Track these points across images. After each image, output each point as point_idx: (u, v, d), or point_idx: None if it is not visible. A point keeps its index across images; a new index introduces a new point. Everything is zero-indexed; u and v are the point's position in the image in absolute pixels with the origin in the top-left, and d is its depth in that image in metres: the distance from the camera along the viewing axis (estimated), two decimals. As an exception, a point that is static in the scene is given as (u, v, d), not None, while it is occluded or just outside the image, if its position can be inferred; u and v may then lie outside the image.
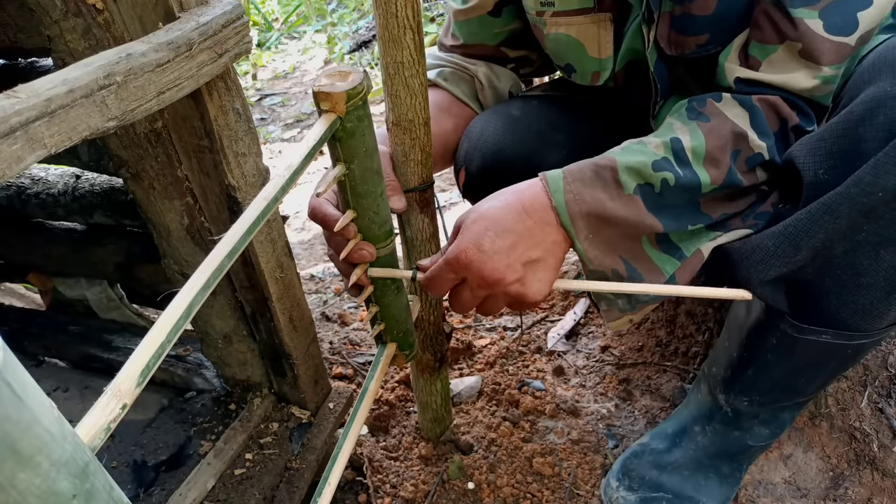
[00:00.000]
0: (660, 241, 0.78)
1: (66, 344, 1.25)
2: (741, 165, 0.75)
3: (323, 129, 0.62)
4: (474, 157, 1.03)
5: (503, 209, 0.76)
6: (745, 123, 0.75)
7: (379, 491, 1.10)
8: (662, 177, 0.74)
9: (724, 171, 0.74)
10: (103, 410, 0.37)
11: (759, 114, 0.75)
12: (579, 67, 1.00)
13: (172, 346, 0.42)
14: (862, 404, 1.16)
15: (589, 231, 0.76)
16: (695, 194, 0.75)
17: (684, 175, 0.74)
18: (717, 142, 0.75)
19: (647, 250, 0.78)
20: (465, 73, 1.07)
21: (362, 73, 0.64)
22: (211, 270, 0.46)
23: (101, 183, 1.10)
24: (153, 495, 0.98)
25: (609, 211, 0.75)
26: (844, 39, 0.70)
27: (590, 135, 1.06)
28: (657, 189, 0.75)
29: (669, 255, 0.78)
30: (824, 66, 0.72)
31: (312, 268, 1.84)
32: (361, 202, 0.72)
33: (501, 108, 1.07)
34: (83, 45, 0.70)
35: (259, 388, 1.08)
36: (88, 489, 0.32)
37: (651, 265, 0.78)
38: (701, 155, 0.75)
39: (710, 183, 0.74)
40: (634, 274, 0.78)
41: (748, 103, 0.76)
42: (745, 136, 0.74)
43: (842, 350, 0.82)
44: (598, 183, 0.75)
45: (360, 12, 4.33)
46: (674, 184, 0.74)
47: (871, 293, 0.74)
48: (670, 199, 0.75)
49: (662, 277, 0.78)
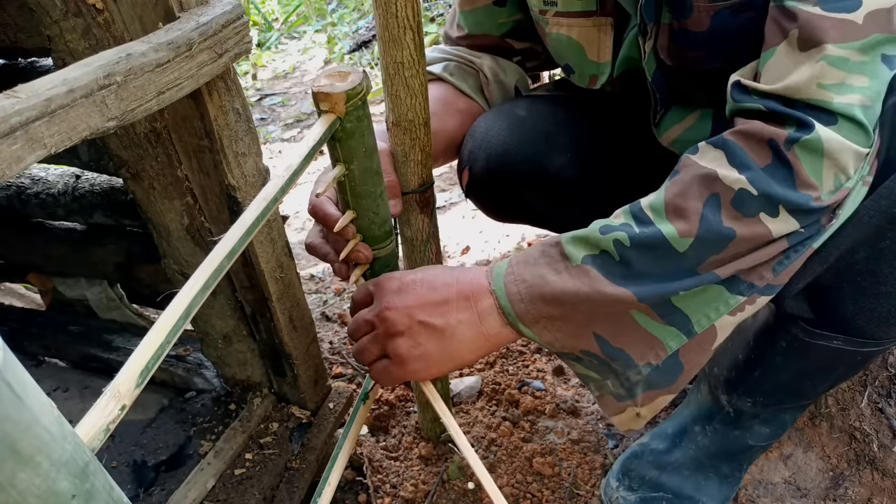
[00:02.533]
0: (659, 310, 0.67)
1: (66, 344, 1.25)
2: (728, 212, 0.63)
3: (322, 129, 0.62)
4: (478, 158, 1.02)
5: (441, 272, 0.74)
6: (721, 163, 0.65)
7: (379, 491, 1.10)
8: (614, 238, 0.66)
9: (694, 220, 0.64)
10: (102, 411, 0.37)
11: (733, 147, 0.65)
12: (578, 69, 0.99)
13: (172, 347, 0.42)
14: (862, 404, 1.16)
15: (538, 313, 0.69)
16: (668, 252, 0.65)
17: (641, 231, 0.65)
18: (678, 189, 0.66)
19: (640, 323, 0.68)
20: (470, 67, 1.06)
21: (362, 73, 0.64)
22: (210, 271, 0.46)
23: (101, 183, 1.10)
24: (153, 495, 0.98)
25: (554, 287, 0.67)
26: (848, 16, 0.62)
27: (596, 138, 1.05)
28: (615, 256, 0.66)
29: (674, 327, 0.67)
30: (828, 44, 0.62)
31: (312, 268, 1.84)
32: (361, 202, 0.72)
33: (507, 108, 1.06)
34: (83, 45, 0.70)
35: (259, 388, 1.08)
36: (88, 489, 0.32)
37: (646, 338, 0.68)
38: (660, 208, 0.66)
39: (677, 235, 0.64)
40: (616, 354, 0.69)
41: (720, 142, 0.66)
42: (713, 176, 0.64)
43: (852, 356, 0.81)
44: (543, 260, 0.70)
45: (360, 12, 4.33)
46: (630, 243, 0.66)
47: (890, 301, 0.73)
48: (639, 264, 0.66)
49: (664, 353, 0.69)
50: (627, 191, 1.07)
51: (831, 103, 0.61)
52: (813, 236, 0.65)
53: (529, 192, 1.04)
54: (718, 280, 0.65)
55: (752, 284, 0.66)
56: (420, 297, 0.71)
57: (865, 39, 0.61)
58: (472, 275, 0.73)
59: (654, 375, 0.70)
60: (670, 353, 0.69)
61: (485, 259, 1.70)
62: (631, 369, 0.70)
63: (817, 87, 0.62)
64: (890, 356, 1.20)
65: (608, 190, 1.06)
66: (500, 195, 1.08)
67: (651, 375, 0.70)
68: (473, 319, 0.71)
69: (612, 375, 0.72)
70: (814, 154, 0.61)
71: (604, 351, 0.69)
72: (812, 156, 0.62)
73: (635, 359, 0.69)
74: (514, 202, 1.07)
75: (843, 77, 0.62)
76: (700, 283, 0.65)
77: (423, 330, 0.71)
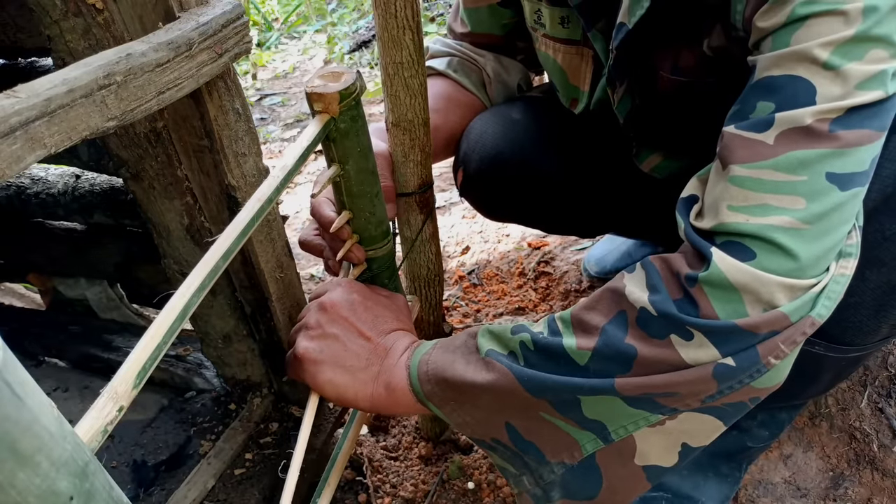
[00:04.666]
0: (569, 414, 0.64)
1: (66, 344, 1.25)
2: (634, 331, 0.60)
3: (316, 129, 0.62)
4: (472, 159, 1.03)
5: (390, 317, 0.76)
6: (639, 282, 0.62)
7: (379, 491, 1.10)
8: (520, 339, 0.66)
9: (594, 334, 0.62)
10: (100, 413, 0.37)
11: (651, 269, 0.62)
12: (561, 90, 1.01)
13: (172, 346, 0.42)
14: (862, 404, 1.16)
15: (444, 396, 0.69)
16: (568, 362, 0.63)
17: (545, 337, 0.64)
18: (587, 303, 0.65)
19: (552, 422, 0.65)
20: (474, 64, 1.07)
21: (355, 73, 0.64)
22: (206, 272, 0.46)
23: (101, 183, 1.10)
24: (153, 495, 0.98)
25: (456, 372, 0.67)
26: (757, 135, 0.57)
27: (586, 142, 1.07)
28: (520, 358, 0.66)
29: (589, 431, 0.64)
30: (734, 164, 0.58)
31: (312, 268, 1.84)
32: (357, 202, 0.72)
33: (502, 110, 1.07)
34: (83, 44, 0.70)
35: (259, 387, 1.08)
36: (88, 489, 0.32)
37: (560, 436, 0.65)
38: (567, 320, 0.65)
39: (575, 347, 0.62)
40: (527, 447, 0.67)
41: (646, 263, 0.63)
42: (619, 292, 0.62)
43: (836, 361, 0.81)
44: (461, 349, 0.70)
45: (360, 12, 4.33)
46: (533, 347, 0.64)
47: (860, 311, 0.73)
48: (541, 367, 0.64)
49: (579, 454, 0.65)
50: (614, 194, 1.08)
51: (743, 225, 0.56)
52: (750, 373, 0.57)
53: (520, 192, 1.06)
54: (619, 396, 0.60)
55: (675, 409, 0.61)
56: (356, 317, 0.74)
57: (780, 157, 0.55)
58: (403, 342, 0.74)
59: (571, 479, 0.67)
60: (586, 456, 0.65)
61: (485, 259, 1.70)
62: (543, 466, 0.68)
63: (728, 210, 0.57)
64: (890, 356, 1.20)
65: (596, 193, 1.08)
66: (493, 195, 1.09)
67: (567, 478, 0.67)
68: (379, 373, 0.73)
69: (527, 471, 0.70)
70: (723, 289, 0.56)
71: (515, 443, 0.68)
72: (721, 292, 0.56)
73: (547, 456, 0.67)
74: (505, 202, 1.09)
75: (760, 198, 0.56)
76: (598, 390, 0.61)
77: (331, 339, 0.73)
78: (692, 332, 0.57)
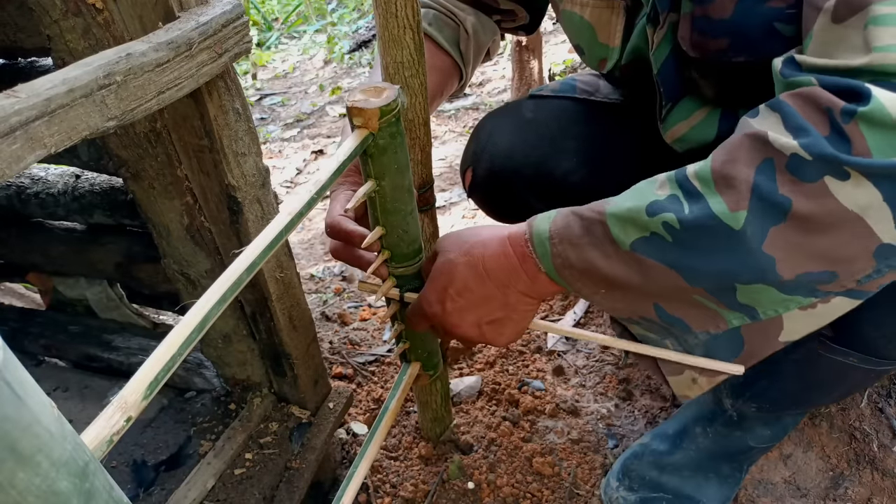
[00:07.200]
0: (721, 298, 0.63)
1: (66, 344, 1.25)
2: (784, 178, 0.55)
3: (354, 144, 0.60)
4: (482, 160, 1.01)
5: (469, 269, 0.73)
6: (776, 126, 0.57)
7: (379, 491, 1.10)
8: (662, 220, 0.60)
9: (745, 191, 0.56)
10: (108, 422, 0.37)
11: (788, 110, 0.57)
12: (588, 51, 0.97)
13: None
14: (862, 404, 1.17)
15: (595, 288, 0.67)
16: (724, 232, 0.58)
17: (691, 211, 0.59)
18: (726, 155, 0.59)
19: (702, 302, 0.64)
20: (452, 19, 1.02)
21: (397, 89, 0.63)
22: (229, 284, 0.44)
23: (101, 183, 1.10)
24: (153, 495, 0.98)
25: (605, 272, 0.65)
26: None
27: (602, 143, 1.04)
28: (667, 238, 0.60)
29: (738, 312, 0.63)
30: (872, 5, 0.54)
31: (312, 268, 1.84)
32: (390, 219, 0.71)
33: (513, 108, 1.04)
34: (83, 44, 0.70)
35: (259, 387, 1.08)
36: (88, 489, 0.32)
37: (707, 313, 0.65)
38: (707, 177, 0.59)
39: (727, 210, 0.57)
40: (673, 321, 0.67)
41: (776, 104, 0.59)
42: (762, 138, 0.56)
43: (865, 373, 0.80)
44: (587, 240, 0.65)
45: (359, 12, 4.33)
46: (680, 226, 0.59)
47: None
48: (695, 247, 0.60)
49: (724, 326, 0.65)
50: None
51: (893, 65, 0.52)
52: None
53: (533, 195, 1.04)
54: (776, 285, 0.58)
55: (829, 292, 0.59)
56: (467, 306, 0.73)
57: None
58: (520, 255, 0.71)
59: (714, 344, 0.69)
60: (731, 328, 0.66)
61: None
62: (688, 335, 0.70)
63: (874, 52, 0.53)
64: (890, 356, 1.20)
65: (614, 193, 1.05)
66: (503, 197, 1.07)
67: (710, 343, 0.69)
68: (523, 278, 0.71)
69: (672, 337, 0.72)
70: (883, 126, 0.51)
71: (661, 318, 0.68)
72: (880, 129, 0.52)
73: (693, 327, 0.67)
74: (516, 205, 1.06)
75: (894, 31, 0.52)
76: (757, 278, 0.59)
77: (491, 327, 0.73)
78: (848, 172, 0.53)
